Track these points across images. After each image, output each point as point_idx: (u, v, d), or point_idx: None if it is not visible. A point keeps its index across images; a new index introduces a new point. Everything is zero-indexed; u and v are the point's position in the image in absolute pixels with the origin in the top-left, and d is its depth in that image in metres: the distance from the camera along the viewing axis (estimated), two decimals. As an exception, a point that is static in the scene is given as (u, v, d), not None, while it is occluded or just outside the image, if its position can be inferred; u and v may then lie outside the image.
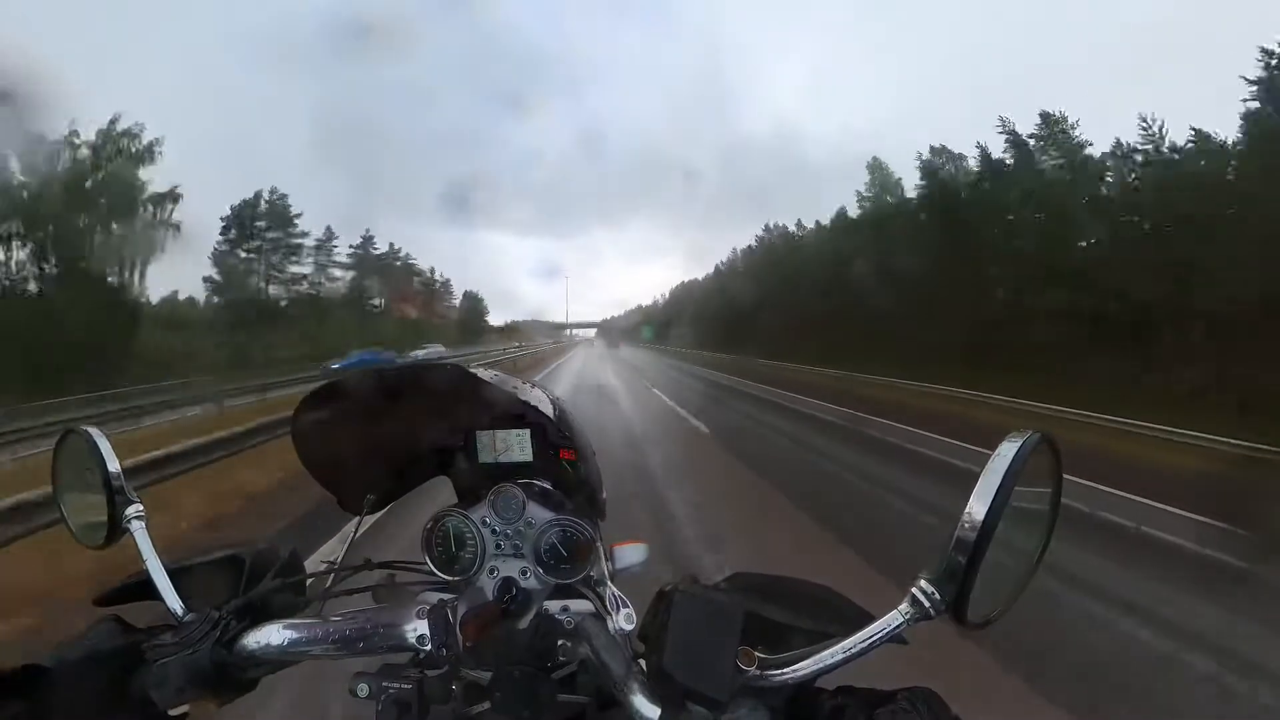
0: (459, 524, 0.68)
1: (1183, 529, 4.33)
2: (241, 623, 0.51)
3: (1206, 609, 3.15)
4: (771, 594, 0.54)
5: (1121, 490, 5.04)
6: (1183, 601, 3.23)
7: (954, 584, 0.37)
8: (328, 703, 1.71)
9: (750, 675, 0.41)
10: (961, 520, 0.36)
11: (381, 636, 0.51)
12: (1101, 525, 4.52)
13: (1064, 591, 3.17)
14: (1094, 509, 4.69)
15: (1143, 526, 4.48)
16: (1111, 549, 4.00)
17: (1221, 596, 3.33)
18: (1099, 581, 3.41)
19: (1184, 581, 3.55)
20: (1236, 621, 3.00)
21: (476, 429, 0.75)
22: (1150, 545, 4.24)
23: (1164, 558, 4.01)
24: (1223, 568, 3.82)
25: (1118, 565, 3.73)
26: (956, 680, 0.90)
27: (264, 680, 0.53)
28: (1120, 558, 3.88)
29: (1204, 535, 4.17)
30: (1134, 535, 4.40)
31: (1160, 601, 3.21)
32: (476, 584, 0.65)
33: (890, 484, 5.79)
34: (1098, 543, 4.01)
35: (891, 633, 0.39)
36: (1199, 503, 4.65)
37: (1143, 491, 5.05)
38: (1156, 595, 3.30)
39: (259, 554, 0.61)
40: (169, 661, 0.46)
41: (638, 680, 0.45)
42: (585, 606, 0.62)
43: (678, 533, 4.01)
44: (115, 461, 0.57)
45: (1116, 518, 4.63)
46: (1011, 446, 0.37)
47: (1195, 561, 3.94)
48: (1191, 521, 4.40)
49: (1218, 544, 4.03)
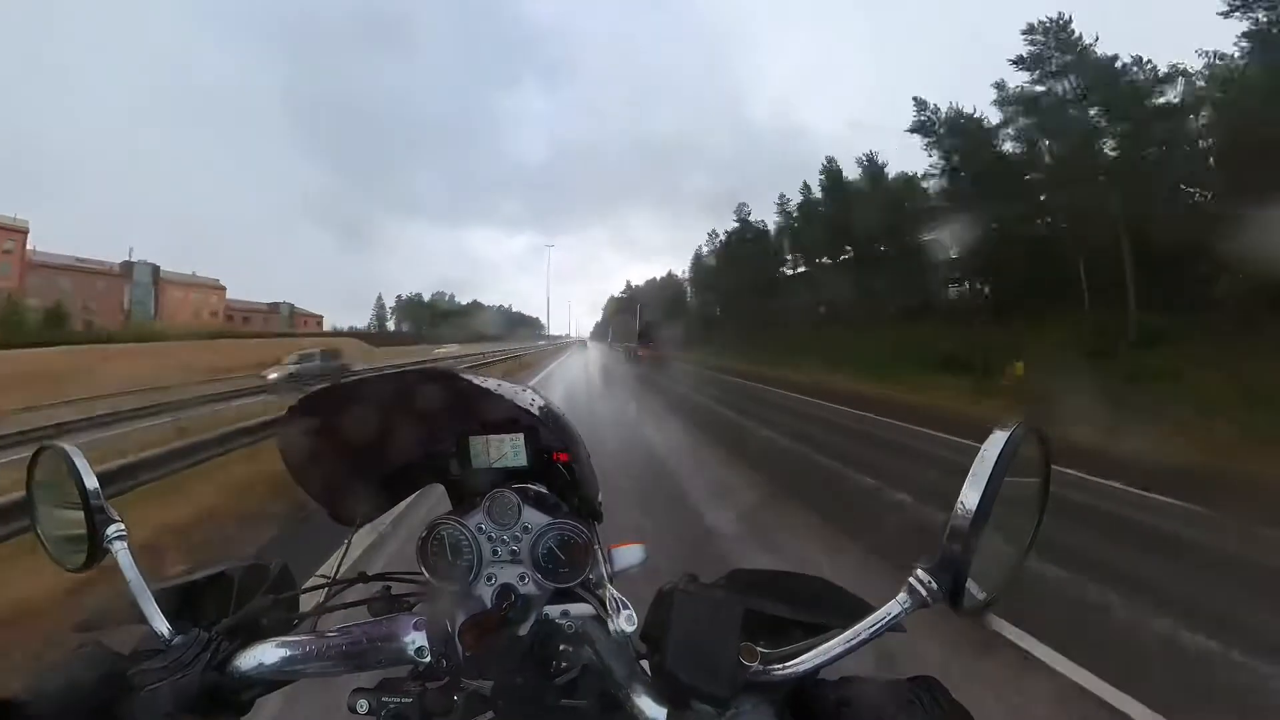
0: (454, 532, 0.67)
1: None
2: (233, 643, 0.50)
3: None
4: (770, 589, 0.54)
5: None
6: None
7: (950, 572, 0.38)
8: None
9: (753, 671, 0.41)
10: (955, 510, 0.37)
11: (379, 650, 0.50)
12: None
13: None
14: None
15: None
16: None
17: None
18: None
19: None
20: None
21: (469, 434, 0.74)
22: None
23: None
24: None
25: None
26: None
27: (258, 702, 0.51)
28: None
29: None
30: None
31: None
32: (474, 592, 0.65)
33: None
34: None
35: (891, 622, 0.40)
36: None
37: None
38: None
39: (248, 570, 0.59)
40: (158, 687, 0.45)
41: (641, 682, 0.45)
42: (585, 610, 0.61)
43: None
44: (94, 479, 0.55)
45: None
46: (1001, 436, 0.38)
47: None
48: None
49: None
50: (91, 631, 0.53)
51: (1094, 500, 5.14)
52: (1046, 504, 0.44)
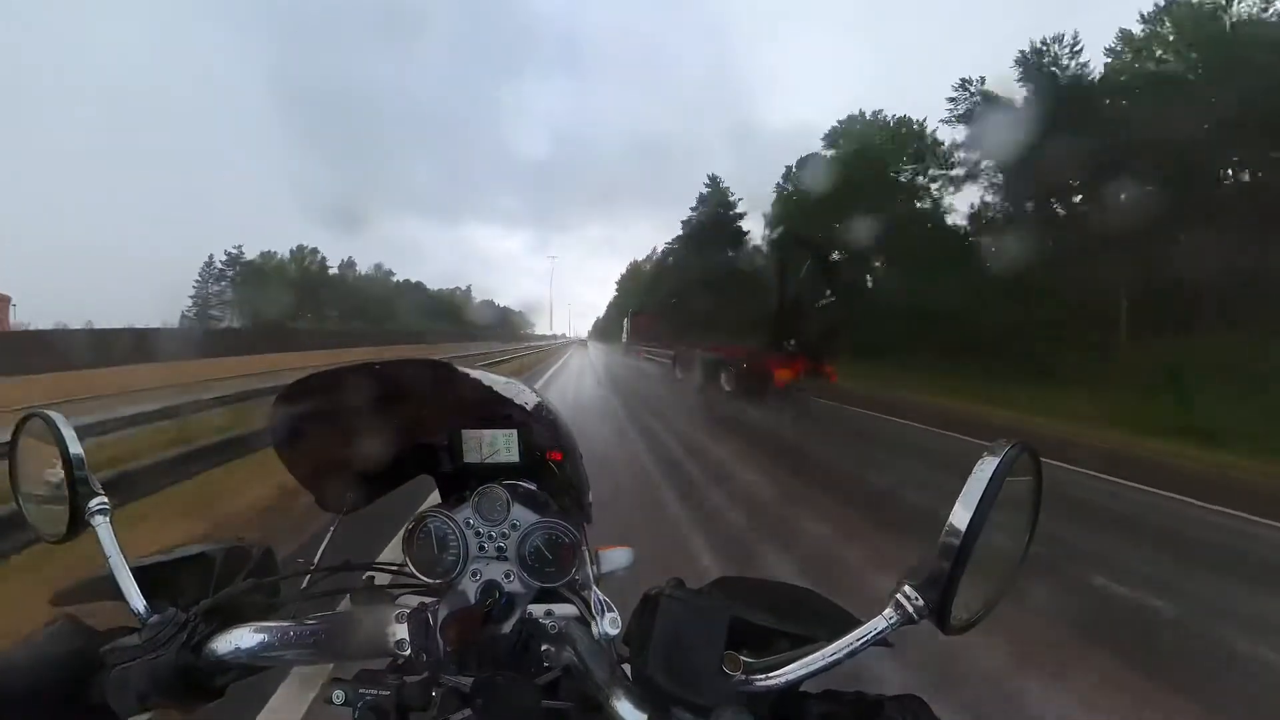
0: (441, 525, 0.66)
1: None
2: (210, 625, 0.49)
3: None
4: (756, 598, 0.54)
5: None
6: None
7: (937, 590, 0.37)
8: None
9: (736, 680, 0.41)
10: (945, 528, 0.37)
11: (359, 641, 0.49)
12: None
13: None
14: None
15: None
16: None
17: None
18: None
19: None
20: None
21: (462, 428, 0.74)
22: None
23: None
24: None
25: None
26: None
27: (233, 687, 0.50)
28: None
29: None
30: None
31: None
32: (458, 587, 0.64)
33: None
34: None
35: (877, 637, 0.40)
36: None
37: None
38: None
39: (230, 552, 0.59)
40: (130, 666, 0.44)
41: (623, 685, 0.45)
42: (570, 611, 0.61)
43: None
44: (79, 447, 0.54)
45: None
46: (994, 457, 0.38)
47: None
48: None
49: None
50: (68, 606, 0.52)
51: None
52: (1037, 524, 0.44)
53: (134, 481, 3.79)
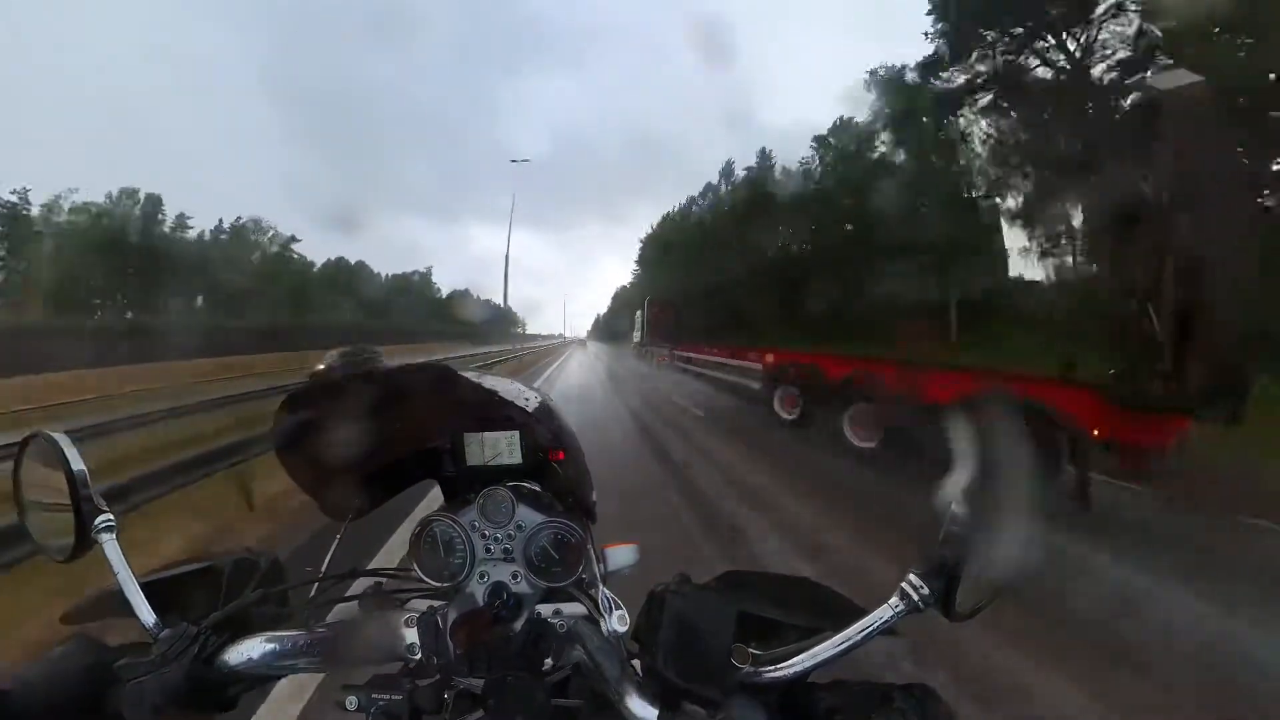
0: (447, 529, 0.66)
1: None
2: (221, 637, 0.49)
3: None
4: (762, 591, 0.54)
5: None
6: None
7: (942, 578, 0.37)
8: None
9: (745, 672, 0.41)
10: (949, 517, 0.37)
11: (369, 647, 0.49)
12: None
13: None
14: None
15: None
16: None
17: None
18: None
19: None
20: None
21: (464, 431, 0.74)
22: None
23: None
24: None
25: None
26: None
27: (246, 697, 0.51)
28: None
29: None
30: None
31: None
32: (466, 590, 0.64)
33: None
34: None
35: (882, 626, 0.40)
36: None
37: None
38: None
39: (238, 564, 0.59)
40: (143, 680, 0.44)
41: (633, 682, 0.45)
42: (578, 609, 0.61)
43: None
44: (83, 467, 0.54)
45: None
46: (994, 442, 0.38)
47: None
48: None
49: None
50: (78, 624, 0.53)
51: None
52: (1047, 490, 0.43)
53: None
